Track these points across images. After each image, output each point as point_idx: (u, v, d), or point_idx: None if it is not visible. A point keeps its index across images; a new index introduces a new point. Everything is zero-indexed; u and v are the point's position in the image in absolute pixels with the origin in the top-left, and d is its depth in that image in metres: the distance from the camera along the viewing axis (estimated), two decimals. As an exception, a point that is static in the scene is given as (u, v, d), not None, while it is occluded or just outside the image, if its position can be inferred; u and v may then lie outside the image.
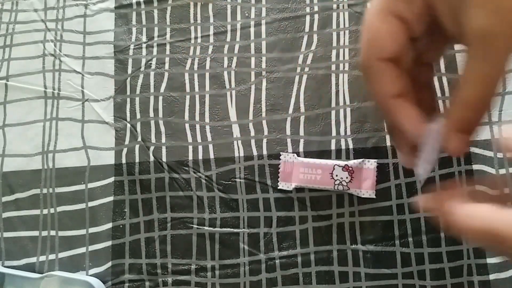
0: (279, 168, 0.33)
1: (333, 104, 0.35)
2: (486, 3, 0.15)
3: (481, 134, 0.33)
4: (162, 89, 0.36)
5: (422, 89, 0.21)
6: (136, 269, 0.33)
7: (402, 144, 0.22)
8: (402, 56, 0.19)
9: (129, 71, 0.37)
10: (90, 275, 0.33)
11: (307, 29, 0.36)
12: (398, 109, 0.19)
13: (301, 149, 0.34)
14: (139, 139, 0.35)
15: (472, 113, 0.18)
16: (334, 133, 0.34)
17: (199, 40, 0.37)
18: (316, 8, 0.37)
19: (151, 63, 0.37)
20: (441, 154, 0.20)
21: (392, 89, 0.19)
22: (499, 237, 0.15)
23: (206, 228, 0.33)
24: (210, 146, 0.35)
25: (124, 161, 0.35)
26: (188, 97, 0.36)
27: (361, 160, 0.32)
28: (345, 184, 0.32)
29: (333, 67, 0.35)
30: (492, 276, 0.31)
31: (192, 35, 0.37)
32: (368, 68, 0.19)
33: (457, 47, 0.35)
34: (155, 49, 0.37)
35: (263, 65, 0.36)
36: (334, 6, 0.36)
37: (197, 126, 0.35)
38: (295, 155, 0.33)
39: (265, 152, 0.34)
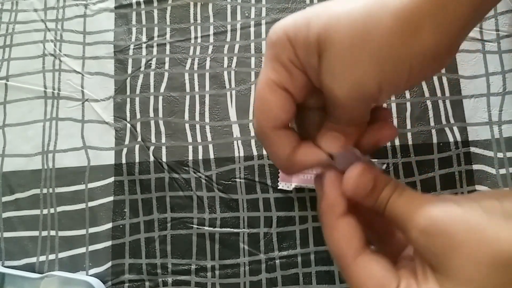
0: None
1: (333, 104, 0.35)
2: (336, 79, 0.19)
3: (481, 134, 0.33)
4: (162, 89, 0.36)
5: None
6: (136, 269, 0.33)
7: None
8: (290, 120, 0.22)
9: (129, 71, 0.37)
10: (90, 275, 0.33)
11: (307, 29, 0.36)
12: (298, 156, 0.22)
13: (301, 149, 0.34)
14: (139, 139, 0.35)
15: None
16: (334, 133, 0.34)
17: (199, 40, 0.37)
18: (316, 8, 0.37)
19: (151, 63, 0.37)
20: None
21: (289, 146, 0.22)
22: None
23: (206, 228, 0.33)
24: (210, 146, 0.35)
25: (124, 161, 0.35)
26: (188, 97, 0.36)
27: (361, 160, 0.32)
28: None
29: (333, 67, 0.35)
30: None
31: (192, 35, 0.37)
32: (263, 136, 0.22)
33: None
34: (155, 49, 0.37)
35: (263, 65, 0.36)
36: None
37: (197, 126, 0.35)
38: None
39: (265, 152, 0.34)
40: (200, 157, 0.35)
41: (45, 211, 0.35)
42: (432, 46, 0.18)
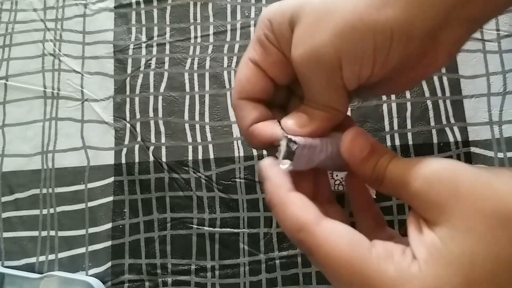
0: None
1: (333, 104, 0.34)
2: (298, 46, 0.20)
3: (481, 134, 0.33)
4: (161, 89, 0.36)
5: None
6: (135, 269, 0.33)
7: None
8: (264, 97, 0.22)
9: (129, 70, 0.37)
10: (90, 275, 0.33)
11: (307, 28, 0.36)
12: (255, 130, 0.22)
13: (301, 149, 0.34)
14: (139, 139, 0.35)
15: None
16: (334, 133, 0.34)
17: (198, 40, 0.37)
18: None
19: (150, 63, 0.37)
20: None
21: (250, 117, 0.22)
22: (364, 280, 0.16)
23: (206, 228, 0.33)
24: (210, 146, 0.35)
25: (123, 161, 0.35)
26: (187, 97, 0.36)
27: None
28: (345, 184, 0.32)
29: (333, 67, 0.35)
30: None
31: (192, 35, 0.37)
32: (232, 105, 0.23)
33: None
34: (154, 49, 0.37)
35: (263, 65, 0.36)
36: None
37: (197, 126, 0.35)
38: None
39: (265, 152, 0.34)
40: (200, 157, 0.34)
41: (44, 211, 0.35)
42: (400, 22, 0.18)
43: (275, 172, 0.20)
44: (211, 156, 0.34)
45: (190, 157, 0.35)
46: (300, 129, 0.21)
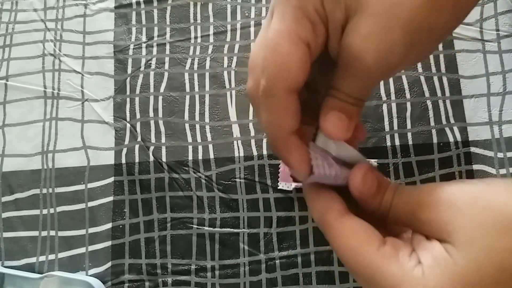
0: (279, 168, 0.33)
1: (333, 104, 0.35)
2: (373, 42, 0.17)
3: (481, 134, 0.33)
4: (162, 89, 0.36)
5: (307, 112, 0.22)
6: (136, 269, 0.33)
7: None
8: (304, 83, 0.19)
9: (129, 71, 0.37)
10: (90, 275, 0.33)
11: (307, 29, 0.36)
12: (291, 148, 0.20)
13: (301, 149, 0.34)
14: (139, 139, 0.35)
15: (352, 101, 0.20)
16: (334, 133, 0.34)
17: (199, 40, 0.37)
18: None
19: (150, 63, 0.37)
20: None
21: (291, 125, 0.19)
22: (373, 278, 0.18)
23: (206, 228, 0.33)
24: (210, 146, 0.35)
25: (124, 161, 0.35)
26: (188, 97, 0.36)
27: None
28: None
29: (333, 67, 0.35)
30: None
31: (192, 35, 0.37)
32: (271, 98, 0.18)
33: (457, 47, 0.35)
34: (154, 49, 0.37)
35: (263, 65, 0.36)
36: None
37: (197, 126, 0.35)
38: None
39: (265, 152, 0.34)
40: (200, 157, 0.35)
41: (45, 211, 0.35)
42: (450, 21, 0.18)
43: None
44: (211, 156, 0.34)
45: (190, 157, 0.35)
46: (347, 135, 0.20)
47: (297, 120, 0.19)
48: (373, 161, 0.32)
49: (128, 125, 0.36)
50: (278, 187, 0.33)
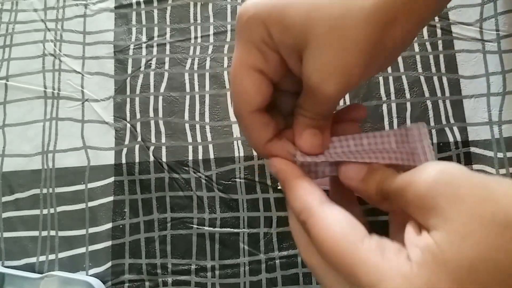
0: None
1: (333, 104, 0.35)
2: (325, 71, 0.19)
3: (481, 134, 0.33)
4: (162, 89, 0.36)
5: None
6: (136, 269, 0.33)
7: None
8: (267, 102, 0.21)
9: (129, 71, 0.37)
10: (90, 275, 0.33)
11: (307, 29, 0.36)
12: (273, 151, 0.22)
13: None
14: (139, 139, 0.35)
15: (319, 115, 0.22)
16: (334, 133, 0.34)
17: (199, 40, 0.37)
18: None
19: (151, 63, 0.37)
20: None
21: (265, 136, 0.22)
22: (348, 269, 0.17)
23: (206, 228, 0.33)
24: (210, 146, 0.35)
25: (124, 161, 0.35)
26: (188, 97, 0.36)
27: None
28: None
29: (333, 67, 0.35)
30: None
31: (192, 35, 0.37)
32: (240, 119, 0.21)
33: (457, 47, 0.35)
34: (155, 49, 0.37)
35: (263, 65, 0.36)
36: None
37: (197, 126, 0.35)
38: None
39: (265, 152, 0.34)
40: (200, 157, 0.35)
41: (45, 211, 0.35)
42: (404, 34, 0.19)
43: (287, 162, 0.22)
44: (211, 156, 0.34)
45: (190, 157, 0.35)
46: (322, 150, 0.21)
47: (268, 130, 0.22)
48: None
49: (128, 125, 0.36)
50: (278, 187, 0.33)
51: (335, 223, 0.18)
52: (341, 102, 0.35)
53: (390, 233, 0.21)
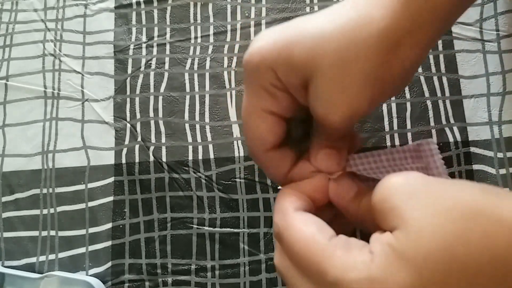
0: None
1: (333, 104, 0.35)
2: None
3: (481, 134, 0.33)
4: (162, 89, 0.36)
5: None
6: (136, 269, 0.33)
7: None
8: (281, 139, 0.22)
9: (129, 71, 0.37)
10: (90, 275, 0.33)
11: (307, 29, 0.36)
12: (295, 178, 0.23)
13: (301, 149, 0.34)
14: (139, 139, 0.35)
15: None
16: (334, 133, 0.34)
17: (199, 40, 0.37)
18: (316, 8, 0.37)
19: (151, 63, 0.37)
20: None
21: (284, 169, 0.23)
22: (319, 268, 0.17)
23: (206, 228, 0.33)
24: (210, 146, 0.35)
25: (124, 161, 0.35)
26: (188, 97, 0.36)
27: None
28: None
29: (333, 67, 0.35)
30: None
31: (192, 35, 0.37)
32: (256, 158, 0.23)
33: (457, 47, 0.35)
34: (155, 49, 0.37)
35: (263, 65, 0.36)
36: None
37: (197, 126, 0.35)
38: None
39: (265, 152, 0.34)
40: (200, 157, 0.35)
41: (45, 211, 0.35)
42: (412, 61, 0.19)
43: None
44: (211, 156, 0.34)
45: (190, 157, 0.35)
46: (340, 168, 0.22)
47: (286, 162, 0.23)
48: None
49: (128, 125, 0.36)
50: (278, 187, 0.33)
51: (305, 226, 0.19)
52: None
53: None
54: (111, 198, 0.34)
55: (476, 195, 0.16)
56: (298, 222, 0.19)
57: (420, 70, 0.35)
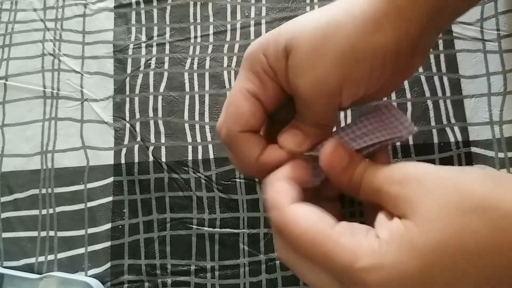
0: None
1: (333, 104, 0.34)
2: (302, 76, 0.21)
3: (482, 134, 0.33)
4: (161, 89, 0.36)
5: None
6: (135, 269, 0.33)
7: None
8: (258, 128, 0.23)
9: (129, 70, 0.37)
10: (89, 276, 0.33)
11: (307, 28, 0.36)
12: (265, 160, 0.23)
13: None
14: (138, 139, 0.35)
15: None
16: (334, 133, 0.34)
17: (198, 40, 0.37)
18: (316, 8, 0.37)
19: (150, 63, 0.37)
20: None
21: (256, 151, 0.23)
22: (327, 257, 0.17)
23: (205, 228, 0.33)
24: (210, 146, 0.35)
25: (123, 161, 0.35)
26: (187, 96, 0.36)
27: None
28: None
29: (333, 66, 0.35)
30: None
31: (192, 35, 0.37)
32: (232, 139, 0.22)
33: (457, 47, 0.35)
34: (154, 49, 0.37)
35: (263, 65, 0.36)
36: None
37: (197, 126, 0.35)
38: None
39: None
40: (200, 157, 0.34)
41: (44, 212, 0.35)
42: (391, 44, 0.19)
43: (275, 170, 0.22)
44: (211, 156, 0.34)
45: (190, 157, 0.34)
46: (298, 149, 0.22)
47: (259, 146, 0.23)
48: None
49: (128, 125, 0.36)
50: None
51: (304, 217, 0.19)
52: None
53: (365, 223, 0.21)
54: (110, 198, 0.34)
55: (487, 187, 0.16)
56: (297, 216, 0.19)
57: (420, 69, 0.35)
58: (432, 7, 0.19)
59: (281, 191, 0.20)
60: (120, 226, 0.34)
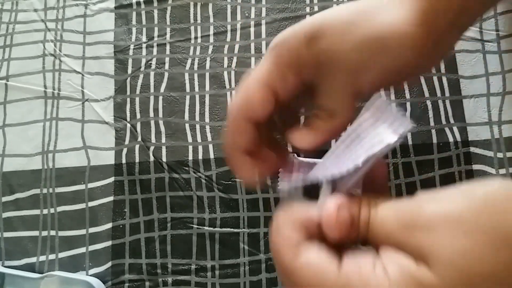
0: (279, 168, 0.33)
1: (333, 104, 0.35)
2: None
3: (481, 134, 0.33)
4: (162, 89, 0.36)
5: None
6: (136, 269, 0.33)
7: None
8: (263, 119, 0.22)
9: (129, 71, 0.37)
10: (90, 275, 0.33)
11: (307, 29, 0.36)
12: (238, 164, 0.23)
13: (301, 149, 0.34)
14: (139, 139, 0.35)
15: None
16: (334, 133, 0.34)
17: (199, 40, 0.37)
18: (316, 8, 0.37)
19: (151, 63, 0.37)
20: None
21: (244, 144, 0.23)
22: None
23: (206, 228, 0.33)
24: (210, 146, 0.35)
25: (124, 161, 0.35)
26: (188, 97, 0.36)
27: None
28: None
29: (333, 67, 0.35)
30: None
31: (192, 35, 0.37)
32: (236, 125, 0.22)
33: (456, 47, 0.35)
34: (155, 49, 0.37)
35: (263, 65, 0.36)
36: (334, 6, 0.36)
37: (197, 126, 0.35)
38: (295, 154, 0.33)
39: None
40: (200, 157, 0.35)
41: (45, 211, 0.35)
42: (418, 37, 0.20)
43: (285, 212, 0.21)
44: (212, 156, 0.35)
45: (191, 157, 0.35)
46: (308, 146, 0.23)
47: (250, 143, 0.23)
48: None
49: (129, 125, 0.36)
50: (278, 187, 0.33)
51: (309, 268, 0.18)
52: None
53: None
54: (111, 198, 0.34)
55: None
56: (304, 260, 0.18)
57: (420, 70, 0.35)
58: (458, 6, 0.20)
59: (287, 235, 0.19)
60: (121, 226, 0.34)
